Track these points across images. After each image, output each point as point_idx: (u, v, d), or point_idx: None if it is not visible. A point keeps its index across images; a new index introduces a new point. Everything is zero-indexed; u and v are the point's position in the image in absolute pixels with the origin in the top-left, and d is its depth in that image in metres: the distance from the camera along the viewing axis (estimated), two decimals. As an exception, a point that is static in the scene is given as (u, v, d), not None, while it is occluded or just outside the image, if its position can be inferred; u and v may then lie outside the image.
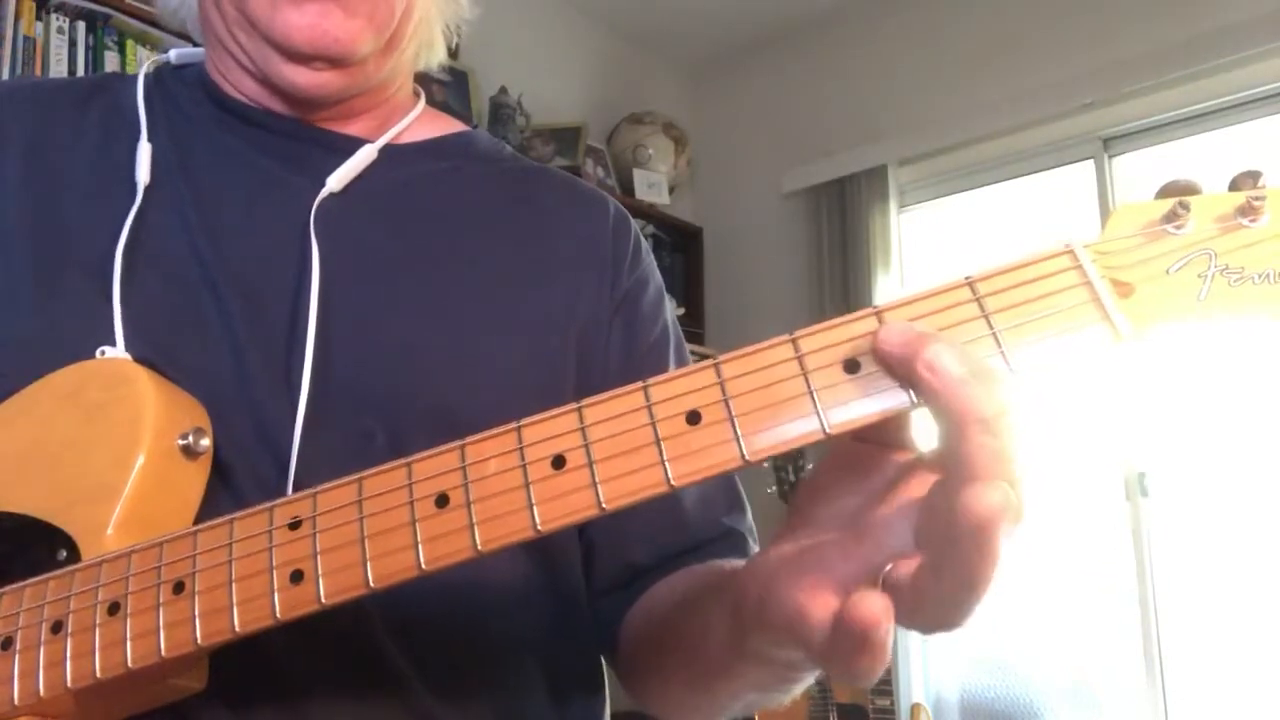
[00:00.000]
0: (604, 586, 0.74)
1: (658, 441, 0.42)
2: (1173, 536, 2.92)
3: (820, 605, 0.41)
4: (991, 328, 0.41)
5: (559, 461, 0.43)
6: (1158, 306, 0.41)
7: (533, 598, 0.69)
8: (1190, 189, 0.42)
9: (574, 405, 0.44)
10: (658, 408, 0.42)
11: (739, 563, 0.68)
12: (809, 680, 0.53)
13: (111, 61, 2.38)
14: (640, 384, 0.43)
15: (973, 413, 0.38)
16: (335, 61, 0.68)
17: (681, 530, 0.72)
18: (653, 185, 3.70)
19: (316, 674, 0.59)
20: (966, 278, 0.42)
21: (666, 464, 0.42)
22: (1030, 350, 0.41)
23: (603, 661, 0.76)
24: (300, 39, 0.66)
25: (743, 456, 0.41)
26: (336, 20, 0.66)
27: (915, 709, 3.12)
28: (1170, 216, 0.41)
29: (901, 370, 0.40)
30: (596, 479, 0.42)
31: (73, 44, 2.33)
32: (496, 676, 0.67)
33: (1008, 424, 0.38)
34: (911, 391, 0.40)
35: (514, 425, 0.44)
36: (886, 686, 2.96)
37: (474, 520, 0.43)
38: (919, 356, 0.39)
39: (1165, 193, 0.43)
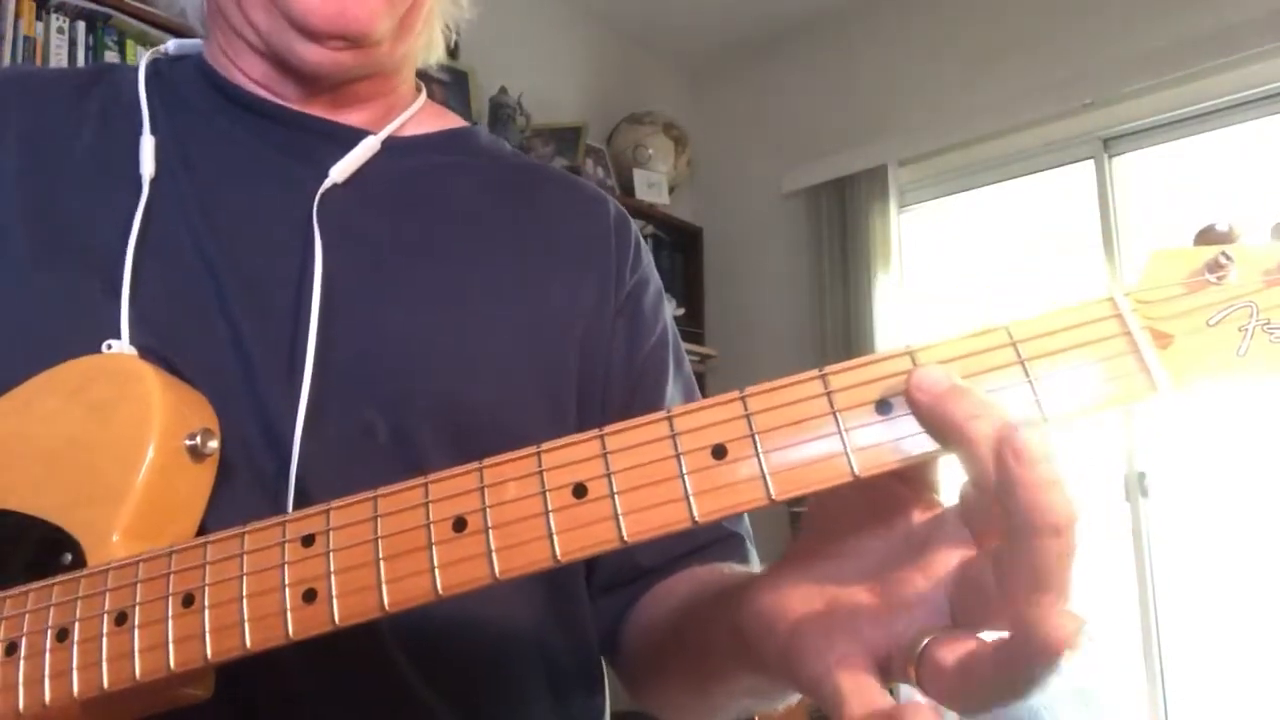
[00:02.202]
0: (606, 585, 0.74)
1: (682, 475, 0.41)
2: (1173, 536, 2.93)
3: (855, 686, 0.40)
4: (1028, 375, 0.40)
5: (580, 490, 0.42)
6: (1197, 360, 0.40)
7: (535, 598, 0.69)
8: (1230, 236, 0.41)
9: (596, 432, 0.42)
10: (682, 439, 0.41)
11: (741, 569, 0.68)
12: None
13: (111, 61, 2.38)
14: (664, 414, 0.42)
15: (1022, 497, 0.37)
16: (353, 41, 0.68)
17: (684, 532, 0.72)
18: (653, 185, 3.70)
19: (320, 675, 0.59)
20: (1004, 323, 0.41)
21: (691, 499, 0.40)
22: (1066, 399, 0.40)
23: (603, 661, 0.76)
24: (319, 17, 0.66)
25: (769, 496, 0.40)
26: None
27: (915, 709, 3.12)
28: (1213, 266, 0.40)
29: (932, 420, 0.39)
30: (619, 511, 0.41)
31: (73, 44, 2.33)
32: (499, 677, 0.67)
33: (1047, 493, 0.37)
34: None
35: (534, 450, 0.43)
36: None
37: (492, 547, 0.42)
38: (957, 413, 0.38)
39: (1203, 239, 0.42)
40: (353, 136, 0.73)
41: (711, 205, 4.08)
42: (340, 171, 0.70)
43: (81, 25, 2.34)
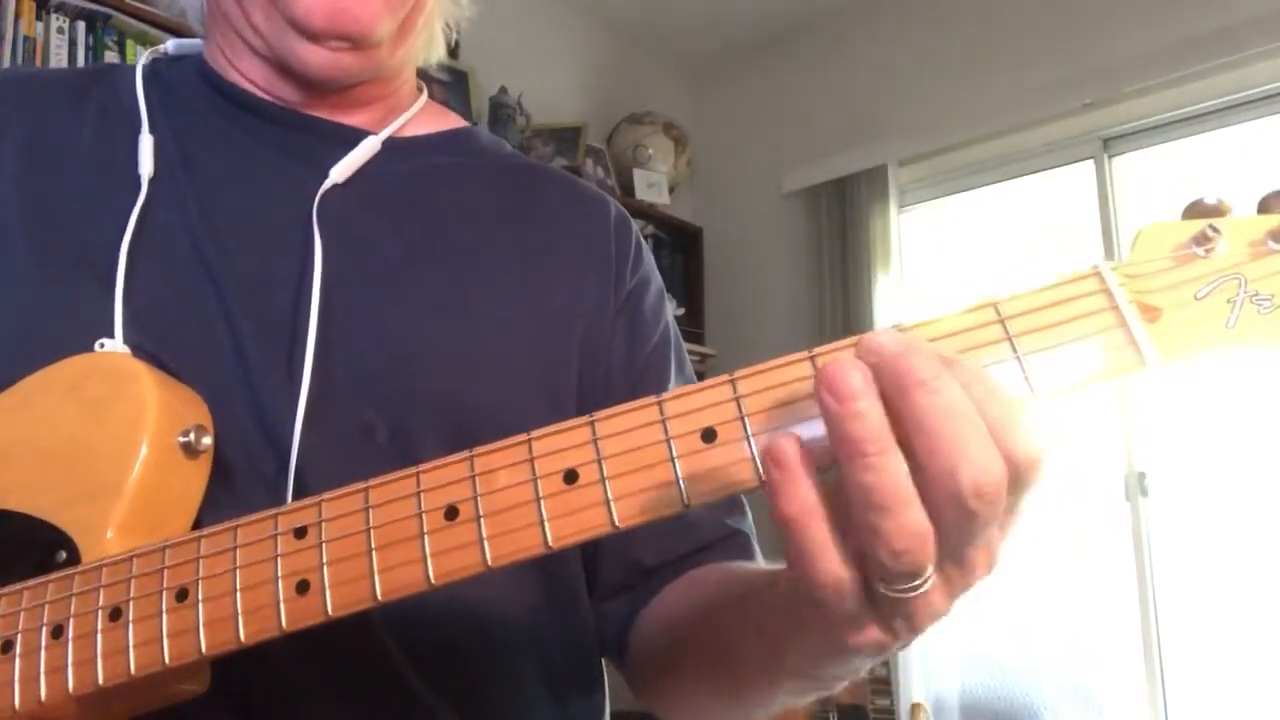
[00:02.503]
0: (611, 588, 0.74)
1: (673, 459, 0.41)
2: (1173, 536, 2.92)
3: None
4: (1015, 351, 0.40)
5: (571, 476, 0.42)
6: (1185, 333, 0.40)
7: (532, 599, 0.69)
8: (1218, 210, 0.41)
9: (586, 418, 0.43)
10: (672, 423, 0.41)
11: (754, 567, 0.68)
12: (837, 689, 0.53)
13: (111, 61, 2.38)
14: (654, 399, 0.42)
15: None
16: (353, 42, 0.68)
17: (687, 532, 0.72)
18: (653, 185, 3.70)
19: (317, 673, 0.59)
20: (991, 299, 0.41)
21: (682, 483, 0.41)
22: (1054, 374, 0.40)
23: (603, 662, 0.76)
24: (320, 17, 0.66)
25: (759, 478, 0.40)
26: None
27: (915, 709, 3.12)
28: (1200, 239, 0.40)
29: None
30: (610, 496, 0.41)
31: (73, 44, 2.33)
32: (495, 672, 0.67)
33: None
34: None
35: (525, 437, 0.43)
36: (886, 686, 2.97)
37: (484, 535, 0.42)
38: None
39: (1192, 212, 0.42)
40: (353, 137, 0.73)
41: (711, 205, 4.08)
42: (340, 172, 0.71)
43: (81, 25, 2.34)
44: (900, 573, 0.39)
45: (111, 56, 2.38)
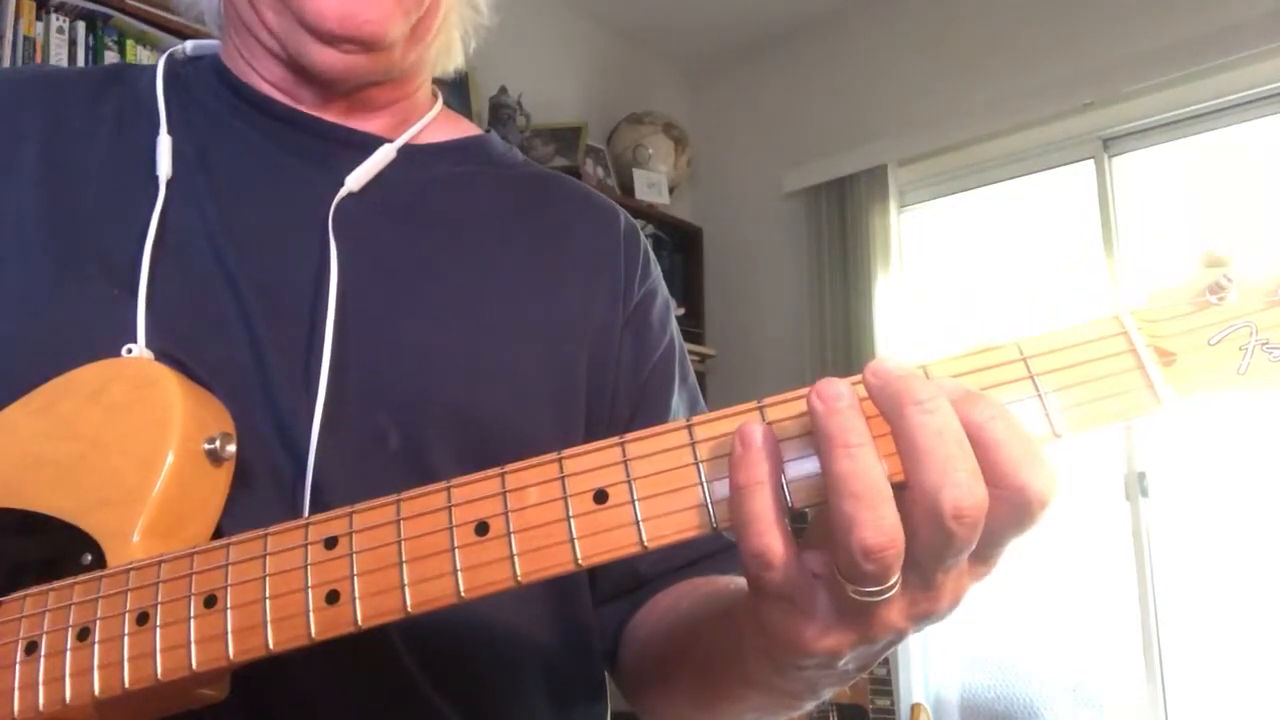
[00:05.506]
0: (606, 593, 0.74)
1: (702, 484, 0.42)
2: (1173, 536, 2.93)
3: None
4: (1038, 390, 0.42)
5: (601, 496, 0.43)
6: (1198, 377, 0.42)
7: (543, 611, 0.70)
8: (1224, 260, 0.43)
9: (616, 440, 0.43)
10: (701, 447, 0.42)
11: (742, 583, 0.69)
12: (809, 707, 0.54)
13: (111, 61, 2.38)
14: (684, 422, 0.43)
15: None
16: (365, 45, 0.68)
17: (686, 543, 0.72)
18: (653, 185, 3.70)
19: (331, 681, 0.59)
20: (1015, 339, 0.43)
21: (711, 507, 0.42)
22: (1075, 414, 0.42)
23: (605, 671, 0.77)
24: (332, 20, 0.66)
25: (790, 504, 0.41)
26: (368, 3, 0.67)
27: (915, 709, 3.12)
28: (1215, 288, 0.42)
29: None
30: (640, 517, 0.42)
31: (73, 44, 2.33)
32: (504, 683, 0.67)
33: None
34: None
35: (555, 456, 0.44)
36: (886, 686, 2.97)
37: (514, 551, 0.43)
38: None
39: (1206, 260, 0.44)
40: (369, 144, 0.73)
41: (711, 205, 4.08)
42: (356, 180, 0.71)
43: (81, 25, 2.34)
44: (869, 573, 0.40)
45: (111, 56, 2.38)
